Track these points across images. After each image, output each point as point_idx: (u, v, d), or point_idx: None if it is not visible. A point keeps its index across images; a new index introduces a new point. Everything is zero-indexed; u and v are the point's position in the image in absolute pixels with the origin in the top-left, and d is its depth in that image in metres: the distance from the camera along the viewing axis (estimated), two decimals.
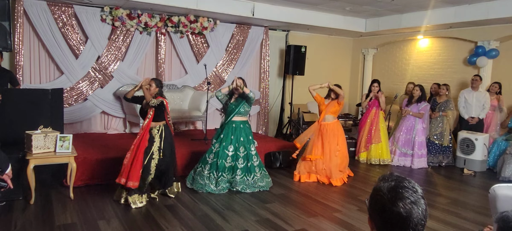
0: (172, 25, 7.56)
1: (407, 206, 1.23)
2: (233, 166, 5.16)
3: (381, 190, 1.29)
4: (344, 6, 7.76)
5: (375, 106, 7.18)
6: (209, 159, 5.18)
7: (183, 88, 7.95)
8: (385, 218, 1.26)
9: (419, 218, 1.23)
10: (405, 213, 1.22)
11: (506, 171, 6.18)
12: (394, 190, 1.26)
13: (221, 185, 5.08)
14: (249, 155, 5.21)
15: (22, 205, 4.34)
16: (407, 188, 1.26)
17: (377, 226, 1.30)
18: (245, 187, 5.13)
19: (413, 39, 9.22)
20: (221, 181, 5.09)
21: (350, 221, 4.28)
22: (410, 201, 1.24)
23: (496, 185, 2.20)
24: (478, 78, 7.16)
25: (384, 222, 1.27)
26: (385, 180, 1.32)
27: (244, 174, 5.17)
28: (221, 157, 5.10)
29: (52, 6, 6.61)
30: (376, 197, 1.30)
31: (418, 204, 1.25)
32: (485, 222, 4.06)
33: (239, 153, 5.18)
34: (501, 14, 6.74)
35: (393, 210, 1.23)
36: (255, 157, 5.27)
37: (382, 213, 1.26)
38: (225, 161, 5.12)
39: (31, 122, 4.70)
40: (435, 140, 7.11)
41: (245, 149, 5.20)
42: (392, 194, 1.26)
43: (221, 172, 5.10)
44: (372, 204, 1.32)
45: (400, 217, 1.22)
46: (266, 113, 9.07)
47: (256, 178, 5.23)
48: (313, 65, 9.49)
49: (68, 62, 6.83)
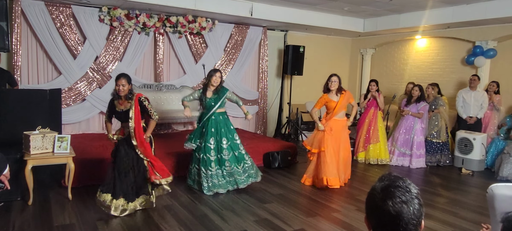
0: (170, 25, 7.56)
1: (397, 205, 1.26)
2: (219, 158, 5.07)
3: (375, 189, 1.33)
4: (343, 6, 7.77)
5: (373, 106, 7.20)
6: (198, 156, 5.12)
7: (181, 89, 7.94)
8: (377, 217, 1.30)
9: (409, 217, 1.25)
10: (394, 212, 1.25)
11: (504, 171, 6.20)
12: (386, 189, 1.30)
13: (220, 180, 5.07)
14: (234, 144, 5.14)
15: (20, 206, 4.34)
16: (400, 188, 1.29)
17: (372, 225, 1.33)
18: (240, 176, 5.10)
19: (411, 39, 9.24)
20: (215, 176, 5.05)
21: (348, 221, 4.29)
22: (401, 200, 1.26)
23: (494, 185, 2.21)
24: (476, 78, 7.18)
25: (377, 221, 1.31)
26: (382, 179, 1.36)
27: (234, 164, 5.10)
28: (206, 152, 5.03)
29: (50, 6, 6.60)
30: (370, 196, 1.34)
31: (410, 203, 1.26)
32: (483, 221, 4.06)
33: (222, 144, 5.08)
34: (499, 14, 6.76)
35: (384, 209, 1.27)
36: (241, 146, 5.21)
37: (375, 211, 1.31)
38: (210, 155, 5.03)
39: (29, 123, 4.69)
40: (433, 139, 7.13)
41: (228, 140, 5.12)
42: (383, 193, 1.29)
43: (208, 167, 5.03)
44: (367, 203, 1.36)
45: (390, 215, 1.26)
46: (264, 113, 9.07)
47: (247, 165, 5.18)
48: (312, 65, 9.50)
49: (66, 63, 6.82)
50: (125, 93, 4.13)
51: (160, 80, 7.85)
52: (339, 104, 5.52)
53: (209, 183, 5.02)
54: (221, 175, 5.09)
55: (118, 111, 4.22)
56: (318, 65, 9.79)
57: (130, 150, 4.18)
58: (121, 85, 4.08)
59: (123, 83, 4.08)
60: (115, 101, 4.24)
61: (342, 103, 5.54)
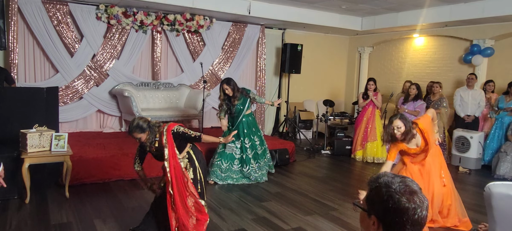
0: (168, 23, 7.54)
1: (421, 197, 1.27)
2: (243, 157, 5.52)
3: (390, 186, 1.28)
4: (340, 5, 7.77)
5: (371, 105, 7.21)
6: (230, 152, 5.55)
7: (179, 87, 7.93)
8: (400, 214, 1.25)
9: (426, 210, 1.28)
10: (419, 206, 1.26)
11: (501, 169, 6.22)
12: (404, 184, 1.28)
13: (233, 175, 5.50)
14: (261, 141, 5.68)
15: (18, 204, 4.32)
16: (413, 182, 1.30)
17: (387, 223, 1.28)
18: (258, 173, 5.57)
19: (409, 38, 9.25)
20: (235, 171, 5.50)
21: (346, 219, 4.30)
22: (420, 193, 1.28)
23: (491, 183, 2.22)
24: (474, 76, 7.19)
25: (399, 218, 1.25)
26: (386, 176, 1.32)
27: (256, 162, 5.59)
28: (243, 151, 5.54)
29: (46, 4, 6.57)
30: (387, 194, 1.27)
31: (424, 196, 1.29)
32: (480, 219, 4.08)
33: (246, 144, 5.54)
34: (496, 12, 6.78)
35: (409, 206, 1.24)
36: (259, 146, 5.64)
37: (396, 209, 1.25)
38: (235, 153, 5.53)
39: (26, 121, 4.67)
40: None
41: (250, 140, 5.57)
42: (404, 189, 1.27)
43: (230, 162, 5.50)
44: (381, 201, 1.29)
45: (415, 211, 1.25)
46: (262, 111, 9.07)
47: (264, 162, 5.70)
48: (310, 64, 9.51)
49: (63, 61, 6.79)
50: (149, 143, 3.30)
51: (157, 79, 7.83)
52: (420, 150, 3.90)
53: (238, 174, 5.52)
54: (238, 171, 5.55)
55: (152, 152, 3.42)
56: (316, 64, 9.80)
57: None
58: (137, 139, 3.29)
59: (138, 136, 3.24)
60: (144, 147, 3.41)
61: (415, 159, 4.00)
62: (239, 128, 5.49)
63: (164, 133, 3.24)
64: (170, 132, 3.26)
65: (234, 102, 5.43)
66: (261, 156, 5.62)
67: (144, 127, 3.22)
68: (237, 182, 5.47)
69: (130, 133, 3.24)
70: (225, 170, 5.45)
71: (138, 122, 3.22)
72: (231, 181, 5.46)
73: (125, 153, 5.48)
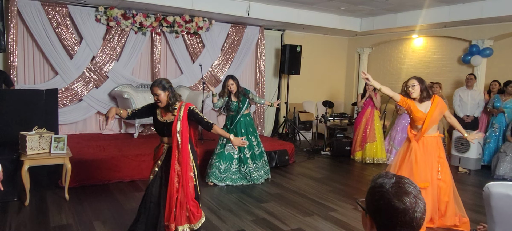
0: (167, 25, 7.55)
1: (412, 200, 1.25)
2: (241, 157, 5.53)
3: (383, 186, 1.29)
4: (339, 6, 7.78)
5: (370, 105, 7.21)
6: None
7: (178, 88, 7.92)
8: (388, 214, 1.26)
9: (421, 212, 1.26)
10: (411, 209, 1.24)
11: (501, 169, 6.22)
12: (398, 186, 1.27)
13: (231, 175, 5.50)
14: (252, 145, 5.65)
15: (17, 207, 4.32)
16: (409, 184, 1.28)
17: (379, 223, 1.29)
18: (255, 173, 5.56)
19: (408, 38, 9.26)
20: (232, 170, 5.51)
21: (346, 220, 4.30)
22: (414, 195, 1.26)
23: (490, 183, 2.22)
24: (473, 77, 7.21)
25: (387, 218, 1.26)
26: (384, 177, 1.32)
27: (254, 162, 5.60)
28: (241, 150, 5.53)
29: (46, 6, 6.57)
30: (377, 194, 1.29)
31: (420, 198, 1.27)
32: (480, 220, 4.08)
33: (253, 142, 5.60)
34: (495, 13, 6.79)
35: (397, 206, 1.24)
36: (256, 147, 5.66)
37: (385, 209, 1.26)
38: (245, 152, 5.56)
39: (25, 123, 4.67)
40: None
41: (247, 140, 5.54)
42: (396, 190, 1.26)
43: (229, 162, 5.52)
44: (372, 201, 1.31)
45: (405, 212, 1.24)
46: (262, 112, 9.08)
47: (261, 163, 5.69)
48: (309, 65, 9.51)
49: (62, 63, 6.80)
50: (165, 104, 3.35)
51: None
52: (430, 115, 4.04)
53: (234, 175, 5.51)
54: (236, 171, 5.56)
55: (160, 122, 3.41)
56: (315, 65, 9.81)
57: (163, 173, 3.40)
58: (155, 95, 3.31)
59: (157, 92, 3.28)
60: (158, 110, 3.45)
61: (434, 113, 4.04)
62: (237, 127, 5.53)
63: (182, 106, 3.37)
64: (187, 108, 3.38)
65: (233, 99, 5.48)
66: (258, 157, 5.63)
67: (167, 86, 3.33)
68: (236, 183, 5.47)
69: (152, 86, 3.32)
70: (224, 171, 5.45)
71: (162, 80, 3.36)
72: (230, 181, 5.46)
73: (124, 155, 5.48)
